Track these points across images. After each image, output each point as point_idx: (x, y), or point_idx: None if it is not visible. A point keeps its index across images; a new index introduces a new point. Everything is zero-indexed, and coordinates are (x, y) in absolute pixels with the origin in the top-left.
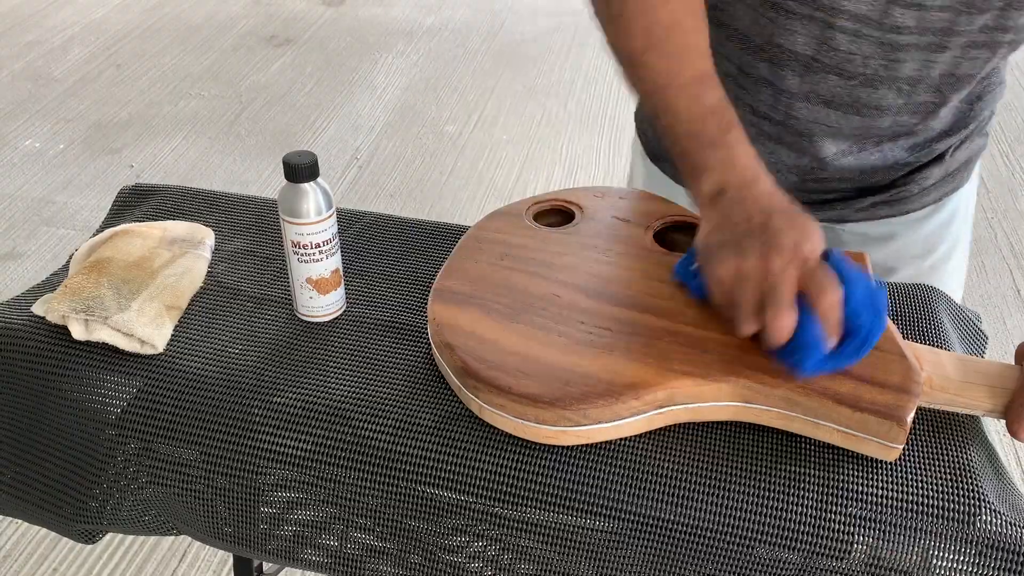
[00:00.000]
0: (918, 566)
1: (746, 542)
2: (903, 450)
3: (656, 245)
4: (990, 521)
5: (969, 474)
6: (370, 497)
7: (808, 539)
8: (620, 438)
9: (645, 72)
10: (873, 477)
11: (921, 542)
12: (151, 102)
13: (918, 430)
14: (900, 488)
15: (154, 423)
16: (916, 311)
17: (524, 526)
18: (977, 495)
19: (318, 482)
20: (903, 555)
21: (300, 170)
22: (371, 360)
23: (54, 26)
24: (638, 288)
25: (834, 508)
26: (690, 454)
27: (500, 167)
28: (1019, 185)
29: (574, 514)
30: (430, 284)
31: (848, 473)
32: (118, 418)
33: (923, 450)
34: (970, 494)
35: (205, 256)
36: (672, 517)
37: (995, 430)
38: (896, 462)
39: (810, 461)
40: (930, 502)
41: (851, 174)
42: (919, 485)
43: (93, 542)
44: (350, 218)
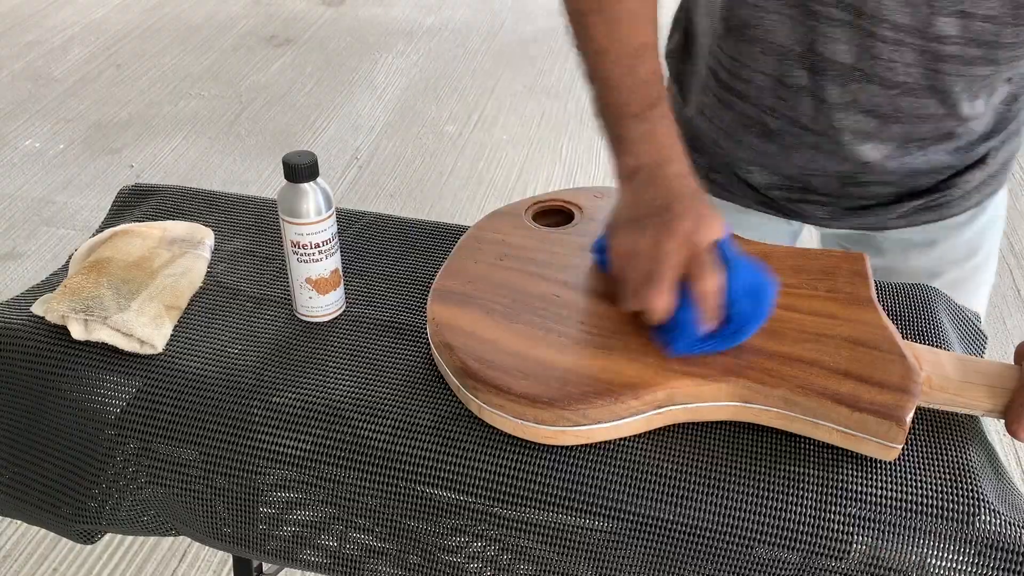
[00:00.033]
0: (917, 566)
1: (746, 542)
2: (903, 450)
3: None
4: (989, 521)
5: (969, 474)
6: (369, 497)
7: (808, 539)
8: (619, 438)
9: (586, 35)
10: (873, 477)
11: (920, 542)
12: (151, 102)
13: (918, 430)
14: (899, 488)
15: (153, 423)
16: (916, 311)
17: (523, 526)
18: (977, 495)
19: (317, 482)
20: (902, 555)
21: (300, 170)
22: (370, 360)
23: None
24: None
25: (834, 508)
26: (690, 454)
27: (500, 167)
28: (1019, 185)
29: (574, 514)
30: (430, 284)
31: (848, 473)
32: (117, 418)
33: (923, 450)
34: (970, 494)
35: (205, 256)
36: (672, 517)
37: (995, 430)
38: (896, 462)
39: (810, 461)
40: (929, 502)
41: (894, 178)
42: (919, 485)
43: (92, 542)
44: (350, 218)
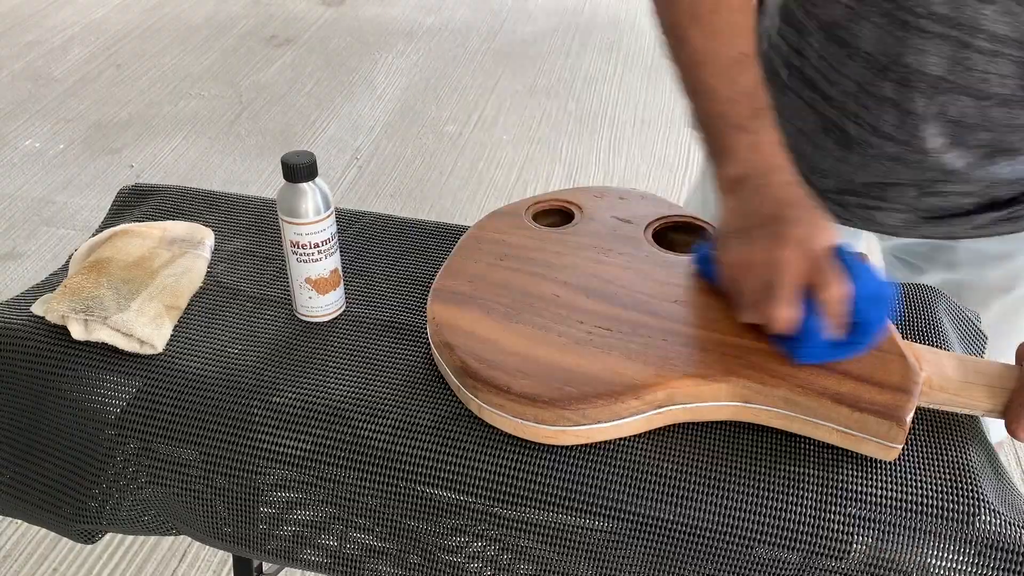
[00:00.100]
0: (918, 566)
1: (746, 542)
2: (903, 450)
3: (655, 245)
4: (989, 521)
5: (969, 474)
6: (369, 497)
7: (808, 539)
8: (619, 438)
9: (685, 47)
10: (873, 477)
11: (921, 542)
12: (151, 102)
13: (918, 430)
14: (900, 488)
15: (154, 423)
16: (916, 311)
17: (524, 526)
18: (977, 495)
19: (317, 482)
20: (902, 555)
21: (298, 170)
22: (370, 360)
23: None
24: (638, 288)
25: (834, 508)
26: (690, 454)
27: (500, 167)
28: None
29: (574, 514)
30: (430, 284)
31: (848, 473)
32: (118, 418)
33: (923, 450)
34: (970, 494)
35: (205, 256)
36: (672, 517)
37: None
38: (896, 462)
39: (810, 461)
40: (930, 502)
41: (976, 188)
42: (919, 485)
43: (92, 542)
44: (350, 218)
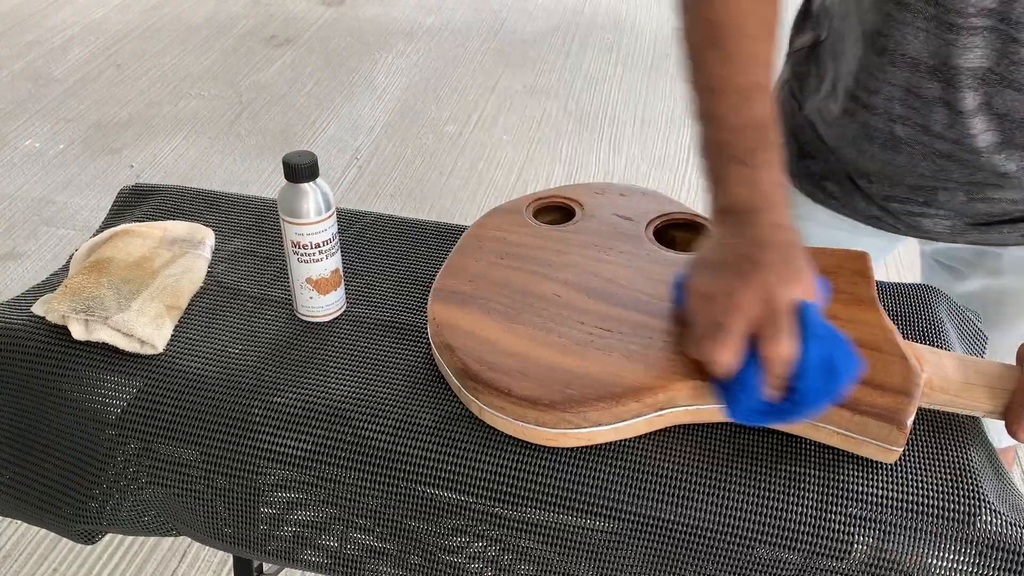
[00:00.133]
0: (918, 566)
1: (746, 542)
2: (903, 450)
3: (656, 243)
4: (990, 521)
5: (969, 474)
6: (370, 497)
7: (808, 539)
8: (620, 439)
9: (700, 70)
10: (873, 477)
11: (921, 542)
12: (151, 102)
13: (918, 430)
14: (900, 488)
15: (154, 423)
16: (916, 311)
17: (524, 526)
18: (977, 495)
19: (318, 482)
20: (903, 555)
21: (300, 170)
22: (371, 360)
23: (54, 26)
24: (638, 288)
25: (834, 508)
26: (690, 454)
27: (500, 167)
28: None
29: (574, 514)
30: (430, 284)
31: (848, 473)
32: (118, 418)
33: (923, 451)
34: (970, 494)
35: (205, 256)
36: (672, 517)
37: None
38: (896, 463)
39: (810, 461)
40: (930, 502)
41: None
42: (919, 485)
43: (93, 543)
44: (350, 218)
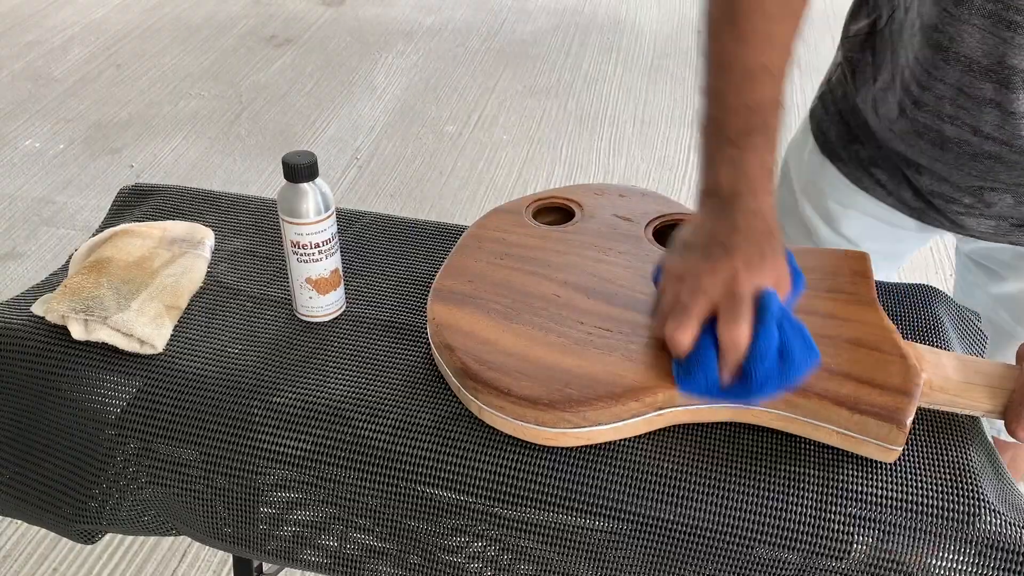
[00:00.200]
0: (918, 566)
1: (746, 542)
2: (903, 450)
3: (656, 243)
4: (990, 521)
5: (969, 474)
6: (370, 497)
7: (808, 539)
8: (620, 439)
9: (713, 46)
10: (873, 477)
11: (921, 542)
12: (151, 102)
13: (918, 430)
14: (900, 488)
15: (154, 423)
16: (916, 311)
17: (524, 526)
18: (977, 495)
19: (318, 482)
20: (903, 555)
21: (299, 170)
22: (371, 360)
23: (54, 26)
24: (638, 288)
25: (834, 508)
26: (690, 454)
27: (500, 167)
28: None
29: (574, 514)
30: (430, 284)
31: (848, 473)
32: (118, 418)
33: (923, 450)
34: (970, 494)
35: (205, 256)
36: (672, 517)
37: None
38: (896, 462)
39: (810, 461)
40: (930, 502)
41: None
42: (919, 485)
43: (92, 542)
44: (350, 218)
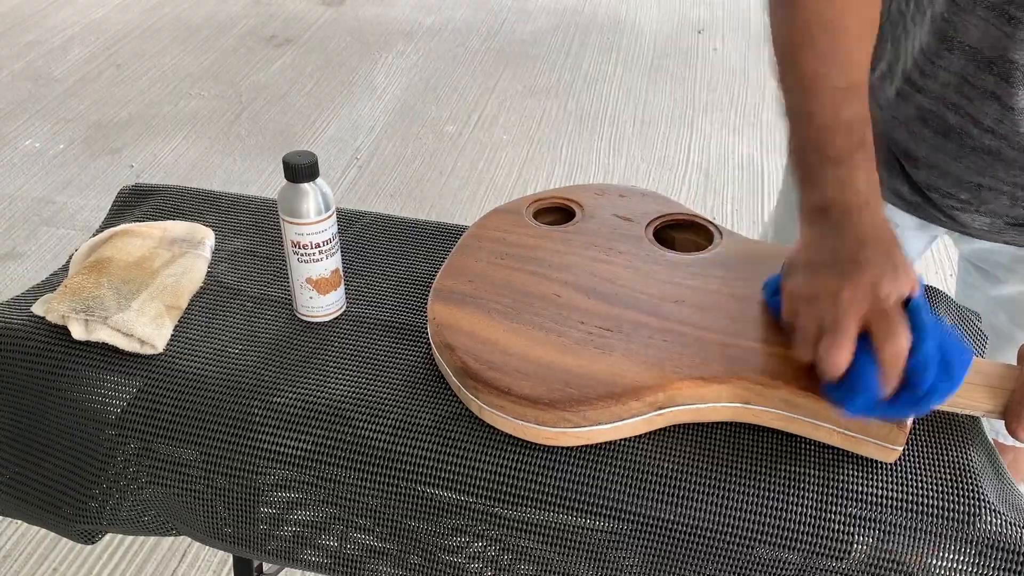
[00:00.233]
0: (918, 566)
1: (746, 542)
2: (903, 450)
3: (656, 243)
4: (990, 521)
5: (969, 474)
6: (370, 497)
7: (808, 539)
8: (620, 439)
9: (794, 70)
10: (873, 477)
11: (921, 542)
12: (151, 102)
13: (918, 430)
14: (900, 488)
15: (154, 423)
16: None
17: (524, 526)
18: (977, 495)
19: (318, 482)
20: (903, 555)
21: (300, 170)
22: (371, 360)
23: (54, 26)
24: (638, 288)
25: (834, 508)
26: (690, 454)
27: (500, 167)
28: None
29: (574, 514)
30: (430, 284)
31: (848, 473)
32: (118, 418)
33: (923, 450)
34: (970, 494)
35: (205, 256)
36: (672, 517)
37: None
38: (896, 462)
39: (810, 461)
40: (930, 502)
41: None
42: (919, 485)
43: (93, 542)
44: (350, 218)
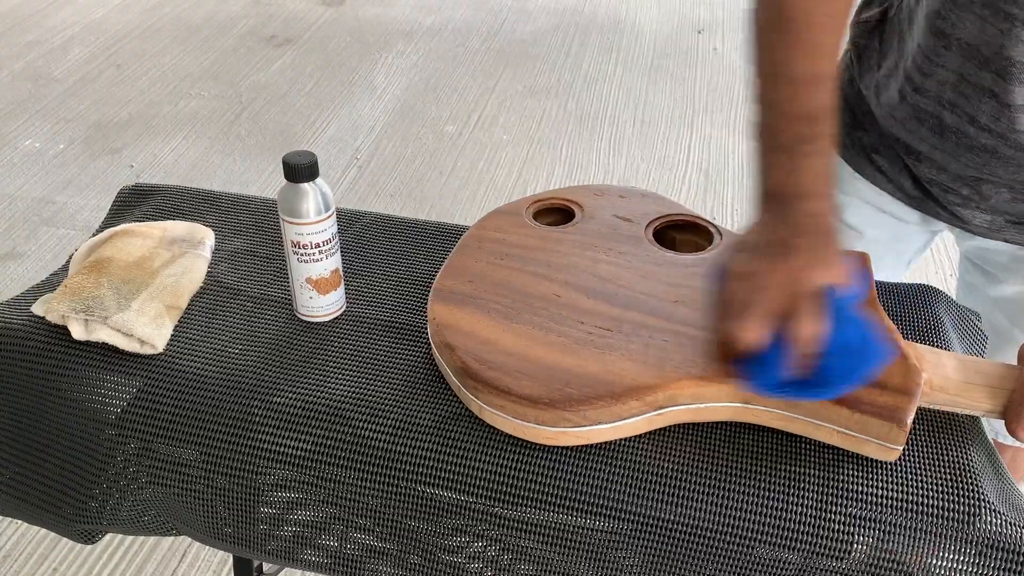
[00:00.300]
0: (918, 566)
1: (746, 542)
2: (903, 450)
3: (656, 244)
4: (990, 521)
5: (969, 474)
6: (370, 497)
7: (808, 539)
8: (620, 438)
9: (761, 54)
10: (873, 477)
11: (921, 542)
12: (151, 102)
13: (918, 430)
14: (900, 488)
15: (154, 423)
16: (916, 311)
17: (524, 526)
18: (977, 495)
19: (318, 482)
20: (903, 555)
21: (300, 170)
22: (371, 360)
23: (54, 26)
24: (638, 288)
25: (834, 508)
26: (690, 454)
27: (500, 167)
28: None
29: (574, 514)
30: (430, 284)
31: (848, 473)
32: (118, 418)
33: (923, 450)
34: (970, 494)
35: (205, 256)
36: (672, 517)
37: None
38: (896, 462)
39: (810, 461)
40: (930, 502)
41: None
42: (919, 485)
43: (93, 542)
44: (350, 218)
